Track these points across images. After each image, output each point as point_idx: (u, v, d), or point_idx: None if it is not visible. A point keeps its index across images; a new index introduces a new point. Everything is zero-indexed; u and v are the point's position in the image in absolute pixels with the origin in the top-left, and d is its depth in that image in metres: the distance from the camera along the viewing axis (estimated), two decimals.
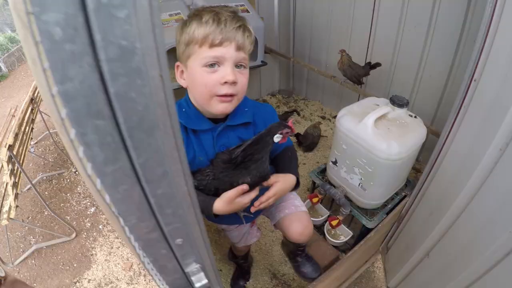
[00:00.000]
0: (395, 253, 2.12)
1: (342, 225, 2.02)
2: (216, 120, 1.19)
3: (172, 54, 2.68)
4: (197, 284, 0.81)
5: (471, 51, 1.30)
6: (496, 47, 1.20)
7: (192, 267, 0.79)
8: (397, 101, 1.83)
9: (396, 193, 2.07)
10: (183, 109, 1.16)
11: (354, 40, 2.89)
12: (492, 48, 1.22)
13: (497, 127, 1.15)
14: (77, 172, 3.15)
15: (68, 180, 3.14)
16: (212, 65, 1.03)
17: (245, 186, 1.09)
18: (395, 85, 2.66)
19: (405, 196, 2.06)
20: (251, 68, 2.90)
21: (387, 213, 1.97)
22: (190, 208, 0.69)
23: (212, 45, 1.00)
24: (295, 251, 1.73)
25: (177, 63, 1.13)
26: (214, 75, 1.03)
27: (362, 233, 1.98)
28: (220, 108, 1.09)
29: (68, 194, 2.97)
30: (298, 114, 3.38)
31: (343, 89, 3.02)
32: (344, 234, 2.06)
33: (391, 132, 1.73)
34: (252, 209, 1.18)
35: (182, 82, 1.13)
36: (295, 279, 2.12)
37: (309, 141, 2.96)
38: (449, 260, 1.50)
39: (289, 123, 1.14)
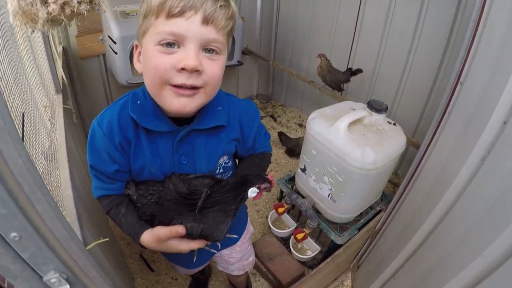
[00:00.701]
0: (364, 272, 1.87)
1: (309, 239, 1.75)
2: (179, 120, 0.85)
3: None
4: None
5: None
6: (482, 48, 1.04)
7: (49, 276, 0.55)
8: (375, 106, 1.59)
9: (371, 207, 1.81)
10: (138, 101, 0.83)
11: (337, 46, 2.67)
12: (479, 48, 1.05)
13: (479, 134, 0.98)
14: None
15: None
16: (169, 44, 0.71)
17: (180, 230, 0.77)
18: (376, 94, 2.43)
19: (380, 211, 1.79)
20: (227, 68, 2.65)
21: (359, 229, 1.70)
22: (35, 192, 0.46)
23: (169, 15, 0.69)
24: None
25: (135, 42, 0.82)
26: (170, 57, 0.71)
27: (330, 249, 1.71)
28: (175, 104, 0.75)
29: None
30: (275, 120, 3.14)
31: (322, 96, 2.78)
32: (311, 249, 1.78)
33: (366, 138, 1.48)
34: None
35: (137, 66, 0.81)
36: None
37: (290, 144, 2.71)
38: (414, 284, 1.29)
39: (269, 177, 0.88)
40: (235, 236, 1.07)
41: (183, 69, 0.71)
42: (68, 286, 0.57)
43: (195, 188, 0.84)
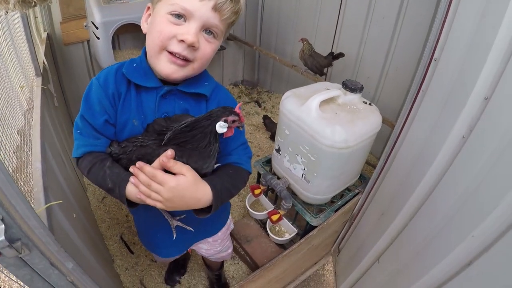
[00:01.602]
0: (346, 256, 1.92)
1: (286, 221, 1.80)
2: (166, 83, 0.97)
3: (130, 33, 2.49)
4: None
5: None
6: (458, 22, 1.04)
7: None
8: (350, 85, 1.63)
9: (349, 190, 1.85)
10: (134, 64, 0.96)
11: (321, 31, 2.72)
12: (454, 22, 1.05)
13: (458, 111, 0.99)
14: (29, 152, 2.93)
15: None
16: (178, 16, 0.85)
17: (170, 152, 0.82)
18: (360, 78, 2.47)
19: (358, 193, 1.83)
20: None
21: (336, 211, 1.74)
22: None
23: None
24: (213, 279, 1.84)
25: (149, 4, 0.95)
26: (174, 27, 0.85)
27: (306, 231, 1.75)
28: (166, 68, 0.89)
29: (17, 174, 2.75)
30: (259, 106, 3.20)
31: (307, 82, 2.82)
32: (289, 231, 1.84)
33: (338, 117, 1.53)
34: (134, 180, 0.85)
35: (144, 27, 0.95)
36: (234, 277, 1.89)
37: (275, 129, 2.74)
38: (400, 267, 1.32)
39: (237, 109, 0.88)
40: (190, 228, 1.09)
41: (182, 41, 0.84)
42: (3, 226, 0.63)
43: (171, 125, 0.90)
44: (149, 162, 0.85)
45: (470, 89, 0.95)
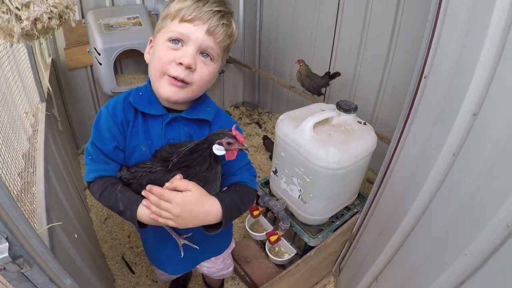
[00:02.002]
0: (346, 276, 1.95)
1: (285, 241, 1.85)
2: (171, 111, 1.07)
3: (132, 58, 2.61)
4: None
5: None
6: (444, 39, 1.08)
7: None
8: (344, 106, 1.70)
9: (348, 209, 1.90)
10: (140, 93, 1.07)
11: (318, 52, 2.84)
12: (441, 40, 1.10)
13: (449, 127, 1.03)
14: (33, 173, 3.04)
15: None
16: (176, 41, 0.96)
17: (178, 176, 0.93)
18: (357, 97, 2.56)
19: (356, 213, 1.88)
20: None
21: (334, 231, 1.79)
22: None
23: (182, 20, 0.94)
24: None
25: (151, 37, 1.07)
26: (173, 52, 0.95)
27: (305, 252, 1.79)
28: (167, 90, 0.98)
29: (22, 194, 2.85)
30: (260, 127, 3.30)
31: (306, 102, 2.92)
32: (288, 252, 1.89)
33: (332, 138, 1.59)
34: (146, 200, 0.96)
35: (147, 58, 1.07)
36: None
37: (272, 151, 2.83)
38: (397, 287, 1.36)
39: (233, 131, 0.93)
40: (195, 246, 1.17)
41: (180, 63, 0.94)
42: (7, 244, 0.71)
43: (176, 151, 0.98)
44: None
45: (459, 105, 0.99)
